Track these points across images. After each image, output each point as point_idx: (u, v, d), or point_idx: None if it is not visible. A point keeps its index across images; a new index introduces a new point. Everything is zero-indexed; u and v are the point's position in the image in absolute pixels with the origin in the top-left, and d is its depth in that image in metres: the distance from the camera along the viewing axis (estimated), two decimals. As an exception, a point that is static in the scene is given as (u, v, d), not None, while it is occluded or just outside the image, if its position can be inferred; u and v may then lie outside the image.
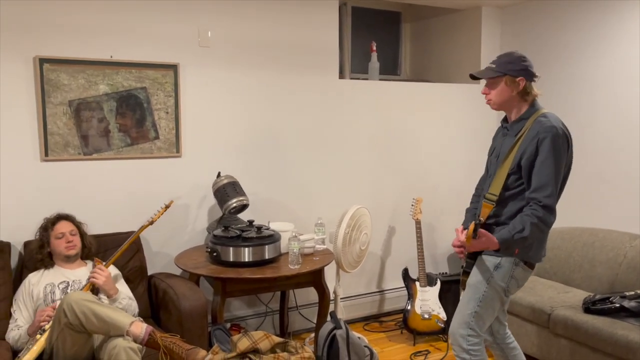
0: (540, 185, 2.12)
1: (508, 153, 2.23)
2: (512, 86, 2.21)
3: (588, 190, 3.62)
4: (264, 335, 2.38)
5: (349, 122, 3.75)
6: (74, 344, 2.24)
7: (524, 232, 2.10)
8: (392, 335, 3.67)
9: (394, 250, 4.04)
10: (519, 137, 2.21)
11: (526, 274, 2.28)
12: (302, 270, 2.82)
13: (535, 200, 2.12)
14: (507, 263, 2.23)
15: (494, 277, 2.25)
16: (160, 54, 3.11)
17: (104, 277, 2.50)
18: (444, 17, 4.39)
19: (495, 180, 2.25)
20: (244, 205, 3.10)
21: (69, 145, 2.92)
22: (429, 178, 4.08)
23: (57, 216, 2.69)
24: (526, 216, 2.12)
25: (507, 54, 2.25)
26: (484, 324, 2.32)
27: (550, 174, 2.10)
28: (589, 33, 3.57)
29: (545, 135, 2.11)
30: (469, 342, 2.30)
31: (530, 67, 2.22)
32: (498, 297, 2.28)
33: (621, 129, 3.42)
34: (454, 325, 2.37)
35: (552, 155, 2.10)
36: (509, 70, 2.19)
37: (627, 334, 2.59)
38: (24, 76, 2.80)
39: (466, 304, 2.33)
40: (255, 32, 3.36)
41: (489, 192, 2.27)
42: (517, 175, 2.20)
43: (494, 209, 2.25)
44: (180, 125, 3.18)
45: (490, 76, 2.24)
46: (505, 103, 2.26)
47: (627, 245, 3.16)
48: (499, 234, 2.15)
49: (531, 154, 2.14)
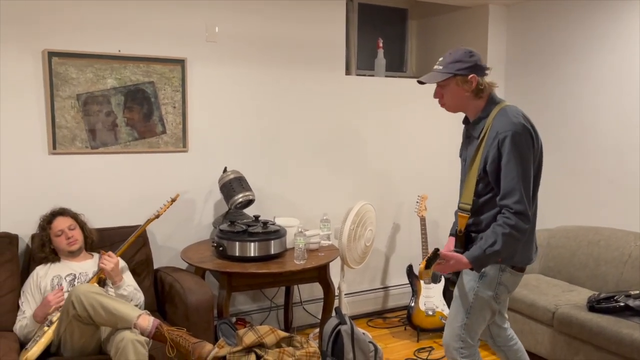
0: (507, 191, 1.98)
1: (473, 158, 2.10)
2: (464, 86, 2.06)
3: (593, 189, 3.62)
4: (270, 329, 2.39)
5: (356, 118, 3.75)
6: (82, 335, 2.26)
7: (496, 245, 1.97)
8: (395, 331, 3.68)
9: (399, 247, 4.05)
10: (481, 140, 2.07)
11: (515, 278, 2.16)
12: (308, 265, 2.83)
13: (505, 207, 1.98)
14: (492, 271, 2.11)
15: (479, 287, 2.13)
16: (168, 48, 3.11)
17: (112, 264, 2.52)
18: (450, 14, 4.38)
19: (466, 189, 2.14)
20: (250, 200, 3.11)
21: (76, 138, 2.93)
22: (435, 175, 4.09)
23: (52, 213, 2.67)
24: (498, 226, 1.98)
25: (452, 53, 2.10)
26: (476, 333, 2.23)
27: (515, 177, 1.96)
28: (595, 31, 3.56)
29: (505, 135, 1.96)
30: (462, 354, 2.22)
31: (479, 61, 2.08)
32: (487, 306, 2.17)
33: (626, 127, 3.41)
34: (446, 338, 2.27)
35: (514, 156, 1.95)
36: (457, 69, 2.05)
37: (632, 332, 2.59)
38: (33, 69, 2.81)
39: (455, 316, 2.23)
40: (262, 28, 3.36)
41: (461, 202, 2.16)
42: (484, 182, 2.07)
43: (472, 218, 2.13)
44: (187, 120, 3.19)
45: (439, 80, 2.08)
46: (461, 104, 2.12)
47: (632, 244, 3.16)
48: (469, 253, 2.02)
49: (494, 157, 2.00)
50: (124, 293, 2.57)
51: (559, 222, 3.82)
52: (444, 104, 2.15)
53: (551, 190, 3.88)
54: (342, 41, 3.64)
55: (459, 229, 2.17)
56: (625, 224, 3.43)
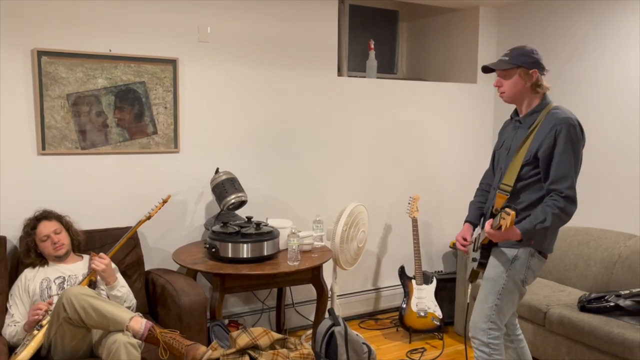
0: (560, 176, 2.15)
1: (521, 145, 2.26)
2: (525, 78, 2.24)
3: (583, 189, 3.65)
4: (264, 331, 2.38)
5: (347, 120, 3.75)
6: (73, 338, 2.22)
7: (546, 222, 2.13)
8: (387, 333, 3.68)
9: (391, 248, 4.05)
10: (532, 130, 2.24)
11: (541, 264, 2.31)
12: (301, 267, 2.82)
13: (556, 191, 2.15)
14: (523, 254, 2.26)
15: (512, 269, 2.28)
16: (160, 48, 3.09)
17: (103, 265, 2.49)
18: (441, 16, 4.40)
19: (509, 172, 2.28)
20: (242, 201, 3.09)
21: (66, 139, 2.89)
22: (426, 176, 4.10)
23: (36, 217, 2.60)
24: (547, 207, 2.14)
25: (520, 47, 2.28)
26: (505, 317, 2.34)
27: (569, 165, 2.15)
28: (586, 33, 3.60)
29: (562, 127, 2.15)
30: (489, 335, 2.32)
31: (541, 59, 2.26)
32: (517, 289, 2.31)
33: (618, 129, 3.45)
34: (474, 319, 2.37)
35: (570, 146, 2.15)
36: (523, 62, 2.23)
37: (623, 332, 2.62)
38: (22, 69, 2.77)
39: (486, 298, 2.34)
40: (254, 29, 3.35)
41: (503, 183, 2.30)
42: (531, 166, 2.22)
43: (508, 200, 2.29)
44: (178, 120, 3.16)
45: (504, 68, 2.26)
46: (518, 95, 2.29)
47: (621, 244, 3.20)
48: (520, 225, 2.16)
49: (549, 145, 2.17)
50: (118, 294, 2.54)
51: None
52: (503, 92, 2.30)
53: (541, 192, 3.91)
54: (334, 42, 3.64)
55: (496, 207, 2.28)
56: (615, 224, 3.47)
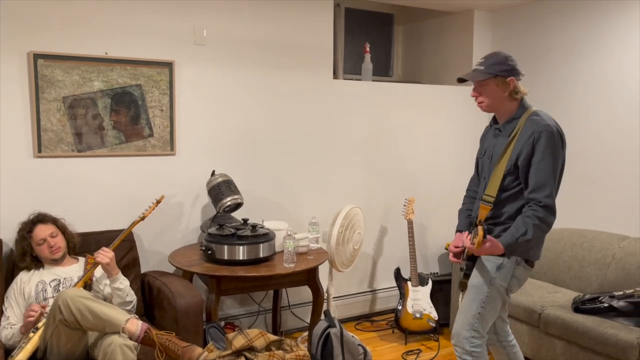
0: (538, 185, 2.12)
1: (502, 154, 2.23)
2: (503, 87, 2.21)
3: (577, 191, 3.68)
4: (260, 333, 2.38)
5: (343, 122, 3.77)
6: (69, 340, 2.22)
7: (527, 234, 2.10)
8: (383, 334, 3.69)
9: (386, 250, 4.06)
10: (512, 137, 2.21)
11: (527, 272, 2.29)
12: (297, 268, 2.83)
13: (534, 200, 2.12)
14: (509, 263, 2.24)
15: (496, 277, 2.25)
16: (156, 51, 3.10)
17: (107, 258, 2.51)
18: (436, 19, 4.43)
19: (492, 182, 2.25)
20: (238, 203, 3.10)
21: (62, 141, 2.89)
22: (421, 178, 4.12)
23: (32, 221, 2.60)
24: (527, 217, 2.12)
25: (494, 55, 2.23)
26: (487, 325, 2.32)
27: (547, 173, 2.11)
28: (580, 36, 3.63)
29: (541, 134, 2.11)
30: (472, 343, 2.30)
31: (517, 65, 2.23)
32: (500, 297, 2.29)
33: (611, 131, 3.48)
34: (457, 327, 2.35)
35: (548, 154, 2.11)
36: (498, 71, 2.19)
37: (617, 332, 2.64)
38: (18, 71, 2.77)
39: (469, 306, 2.32)
40: (250, 32, 3.37)
41: (485, 194, 2.27)
42: (513, 176, 2.20)
43: (492, 211, 2.26)
44: (174, 123, 3.17)
45: (480, 79, 2.21)
46: (497, 104, 2.25)
47: (615, 246, 3.22)
48: (503, 239, 2.14)
49: (528, 154, 2.14)
50: (121, 286, 2.55)
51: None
52: (481, 102, 2.27)
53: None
54: (330, 45, 3.66)
55: (480, 219, 2.27)
56: (609, 226, 3.49)
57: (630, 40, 3.33)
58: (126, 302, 2.58)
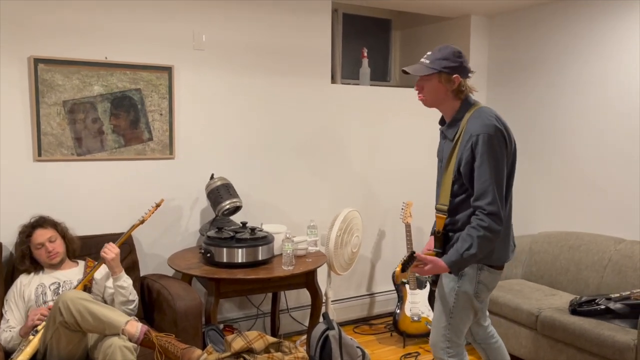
0: (480, 192, 2.02)
1: (448, 160, 2.14)
2: (446, 84, 2.10)
3: (574, 195, 3.71)
4: (258, 335, 2.40)
5: (341, 126, 3.79)
6: (69, 342, 2.23)
7: (472, 248, 2.01)
8: (381, 337, 3.70)
9: (384, 254, 4.08)
10: (455, 141, 2.12)
11: (494, 276, 2.19)
12: (296, 271, 2.84)
13: (479, 208, 2.02)
14: (470, 270, 2.15)
15: (460, 286, 2.17)
16: (155, 56, 3.12)
17: (113, 254, 2.54)
18: (433, 25, 4.47)
19: (443, 190, 2.18)
20: (237, 207, 3.12)
21: (62, 145, 2.91)
22: (419, 181, 4.14)
23: (32, 225, 2.61)
24: (472, 229, 2.03)
25: (442, 49, 2.13)
26: (461, 332, 2.25)
27: (488, 179, 2.00)
28: (578, 40, 3.66)
29: (478, 138, 2.01)
30: (448, 353, 2.25)
31: (466, 63, 2.12)
32: (469, 305, 2.20)
33: (609, 134, 3.50)
34: (432, 338, 2.30)
35: (487, 158, 2.00)
36: (443, 67, 2.08)
37: (614, 334, 2.65)
38: (18, 76, 2.79)
39: (439, 318, 2.26)
40: (249, 37, 3.39)
41: (439, 203, 2.20)
42: (459, 183, 2.12)
43: (449, 218, 2.18)
44: (174, 127, 3.19)
45: (423, 73, 2.12)
46: (439, 101, 2.16)
47: (612, 249, 3.24)
48: (446, 257, 2.07)
49: (468, 159, 2.04)
50: (124, 284, 2.58)
51: (540, 228, 3.90)
52: (423, 97, 2.18)
53: (533, 197, 3.96)
54: (328, 50, 3.69)
55: (437, 229, 2.20)
56: (605, 229, 3.51)
57: (628, 43, 3.37)
58: (129, 300, 2.60)
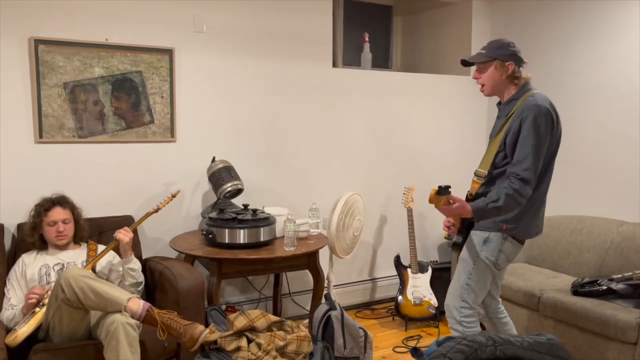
0: (519, 159, 2.18)
1: (498, 132, 2.31)
2: (501, 70, 2.30)
3: (576, 177, 3.70)
4: (261, 313, 2.40)
5: (342, 110, 3.78)
6: (71, 320, 2.24)
7: (499, 202, 2.15)
8: (383, 321, 3.70)
9: (386, 239, 4.08)
10: (508, 117, 2.28)
11: (515, 248, 2.34)
12: (298, 252, 2.84)
13: (513, 173, 2.18)
14: (495, 237, 2.31)
15: (482, 251, 2.33)
16: (156, 38, 3.11)
17: (128, 237, 2.60)
18: (434, 10, 4.45)
19: (485, 158, 2.33)
20: (238, 189, 3.11)
21: (63, 127, 2.91)
22: (421, 166, 4.13)
23: (53, 201, 2.61)
24: (503, 188, 2.17)
25: (497, 40, 2.34)
26: (477, 297, 2.39)
27: (529, 150, 2.16)
28: (578, 25, 3.65)
29: (528, 114, 2.18)
30: (462, 313, 2.38)
31: (519, 52, 2.31)
32: (489, 271, 2.36)
33: (610, 117, 3.49)
34: (448, 298, 2.45)
35: (533, 132, 2.16)
36: (498, 54, 2.28)
37: (616, 313, 2.65)
38: (19, 57, 2.78)
39: (458, 278, 2.42)
40: (250, 20, 3.38)
41: (478, 169, 2.35)
42: (503, 153, 2.27)
43: (483, 187, 2.33)
44: (175, 110, 3.19)
45: (480, 61, 2.32)
46: (496, 86, 2.34)
47: (614, 231, 3.24)
48: (473, 203, 2.20)
49: (515, 131, 2.21)
50: (135, 267, 2.64)
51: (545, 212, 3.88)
52: (482, 85, 2.36)
53: (535, 182, 3.95)
54: (329, 35, 3.67)
55: (471, 192, 2.33)
56: (607, 212, 3.51)
57: (628, 25, 3.35)
58: (138, 282, 2.67)
